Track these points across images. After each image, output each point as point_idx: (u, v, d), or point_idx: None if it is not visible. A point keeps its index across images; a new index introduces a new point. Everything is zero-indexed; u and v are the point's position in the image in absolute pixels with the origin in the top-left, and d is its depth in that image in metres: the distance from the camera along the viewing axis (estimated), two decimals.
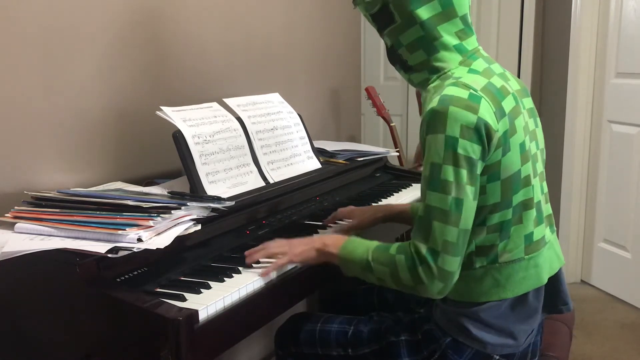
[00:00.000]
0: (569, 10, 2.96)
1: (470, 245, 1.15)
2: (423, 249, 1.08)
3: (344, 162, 1.93)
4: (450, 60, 1.17)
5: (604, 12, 2.87)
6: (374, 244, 1.18)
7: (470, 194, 1.07)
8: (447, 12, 1.15)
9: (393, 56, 1.24)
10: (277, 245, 1.25)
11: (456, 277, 1.10)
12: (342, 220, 1.54)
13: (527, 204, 1.15)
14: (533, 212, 1.17)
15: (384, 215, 1.52)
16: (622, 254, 2.87)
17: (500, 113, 1.09)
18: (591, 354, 2.39)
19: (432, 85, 1.18)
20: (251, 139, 1.62)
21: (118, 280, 1.11)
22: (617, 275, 2.91)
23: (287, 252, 1.23)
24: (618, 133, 2.84)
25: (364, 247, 1.18)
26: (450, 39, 1.17)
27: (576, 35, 2.94)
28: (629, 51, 2.74)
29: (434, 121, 1.07)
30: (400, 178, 2.12)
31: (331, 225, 1.53)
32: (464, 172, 1.06)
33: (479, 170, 1.08)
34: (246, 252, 1.26)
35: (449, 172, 1.06)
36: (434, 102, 1.08)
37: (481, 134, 1.06)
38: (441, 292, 1.10)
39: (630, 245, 2.82)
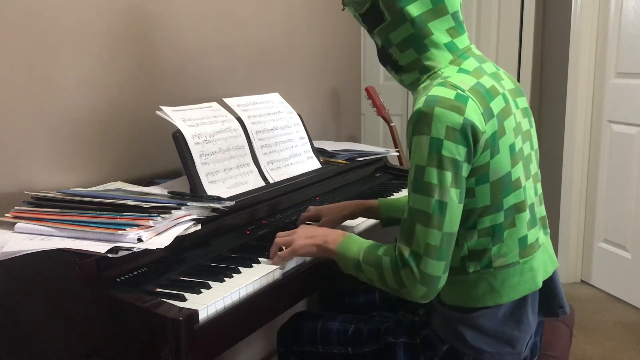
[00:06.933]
0: (569, 10, 2.96)
1: (462, 249, 1.13)
2: (406, 253, 1.07)
3: (344, 162, 1.93)
4: (440, 59, 1.15)
5: (604, 12, 2.87)
6: (367, 243, 1.18)
7: (454, 196, 1.05)
8: (438, 9, 1.13)
9: (384, 56, 1.22)
10: (282, 237, 1.27)
11: (442, 281, 1.08)
12: (310, 223, 1.49)
13: (519, 207, 1.12)
14: (526, 215, 1.14)
15: (352, 212, 1.49)
16: (622, 254, 2.87)
17: (488, 114, 1.07)
18: (591, 354, 2.39)
19: (422, 86, 1.16)
20: (251, 139, 1.62)
21: (118, 280, 1.11)
22: (617, 275, 2.91)
23: (291, 243, 1.25)
24: (618, 133, 2.84)
25: (357, 246, 1.18)
26: (441, 37, 1.14)
27: (576, 35, 2.94)
28: (629, 51, 2.74)
29: (419, 122, 1.05)
30: (400, 178, 2.12)
31: None
32: (448, 175, 1.04)
33: (464, 173, 1.06)
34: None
35: (432, 175, 1.04)
36: (420, 103, 1.06)
37: (467, 135, 1.03)
38: (425, 296, 1.08)
39: (630, 245, 2.82)
